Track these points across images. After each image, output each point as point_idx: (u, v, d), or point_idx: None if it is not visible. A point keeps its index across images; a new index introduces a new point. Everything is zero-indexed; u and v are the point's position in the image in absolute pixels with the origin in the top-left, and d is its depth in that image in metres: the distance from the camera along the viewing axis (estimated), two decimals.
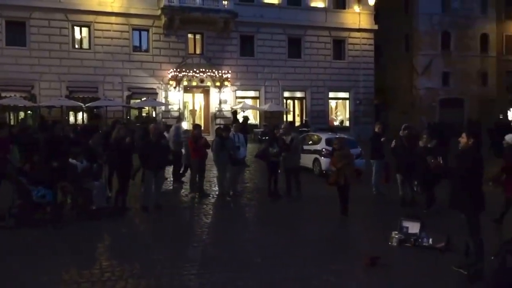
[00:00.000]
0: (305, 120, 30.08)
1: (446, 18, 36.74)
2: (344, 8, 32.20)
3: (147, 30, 27.82)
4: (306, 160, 15.24)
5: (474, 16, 37.29)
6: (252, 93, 30.64)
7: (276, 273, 6.39)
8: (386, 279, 6.27)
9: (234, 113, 27.76)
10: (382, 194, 12.03)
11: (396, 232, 7.89)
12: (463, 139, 6.46)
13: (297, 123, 30.27)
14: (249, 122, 26.12)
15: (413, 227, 7.90)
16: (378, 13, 33.43)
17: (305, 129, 26.00)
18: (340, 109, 33.72)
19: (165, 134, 12.88)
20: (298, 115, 32.25)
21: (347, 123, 32.72)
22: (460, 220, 6.33)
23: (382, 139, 12.09)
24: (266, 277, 6.26)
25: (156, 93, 27.65)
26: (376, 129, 12.60)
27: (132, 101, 27.34)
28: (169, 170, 14.10)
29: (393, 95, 37.67)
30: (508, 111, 39.88)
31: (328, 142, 14.98)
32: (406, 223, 8.00)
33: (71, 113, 26.55)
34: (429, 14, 36.52)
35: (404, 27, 37.34)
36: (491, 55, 38.14)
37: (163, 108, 27.66)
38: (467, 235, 6.28)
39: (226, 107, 29.07)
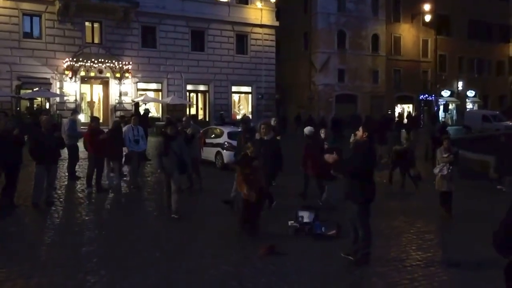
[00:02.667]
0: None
1: (341, 18, 38.77)
2: (246, 3, 32.66)
3: (40, 16, 26.05)
4: (209, 153, 15.33)
5: (366, 17, 39.75)
6: (154, 86, 30.04)
7: (174, 266, 6.39)
8: (281, 266, 6.54)
9: (136, 105, 27.04)
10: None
11: (292, 222, 8.26)
12: (359, 132, 6.80)
13: (200, 117, 30.25)
14: (150, 115, 25.57)
15: (308, 217, 8.32)
16: (279, 10, 34.38)
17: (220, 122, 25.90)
18: (243, 103, 34.23)
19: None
20: (201, 108, 32.23)
21: (250, 116, 33.30)
22: (351, 209, 6.72)
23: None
24: (163, 270, 6.24)
25: (50, 83, 26.03)
26: (272, 122, 12.98)
27: (22, 92, 25.45)
28: (64, 165, 13.46)
29: (292, 90, 39.02)
30: (396, 107, 43.10)
31: (230, 135, 15.18)
32: (301, 213, 8.40)
33: None
34: (326, 14, 38.28)
35: (303, 25, 38.78)
36: (381, 54, 40.96)
37: (57, 99, 26.11)
38: (356, 223, 6.70)
39: (127, 99, 28.20)
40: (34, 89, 25.12)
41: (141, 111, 24.64)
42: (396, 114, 41.31)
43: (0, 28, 24.87)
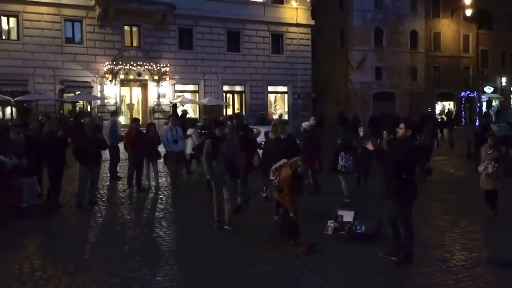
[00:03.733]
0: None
1: (378, 14, 38.13)
2: (282, 3, 32.58)
3: (81, 21, 26.77)
4: None
5: (404, 13, 38.94)
6: (191, 87, 30.37)
7: (215, 264, 6.44)
8: (321, 265, 6.48)
9: (174, 106, 27.44)
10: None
11: (332, 221, 8.18)
12: (401, 129, 6.60)
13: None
14: (188, 116, 25.89)
15: (348, 216, 8.22)
16: (314, 9, 34.12)
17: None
18: (279, 103, 34.17)
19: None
20: (237, 109, 32.33)
21: (286, 117, 33.23)
22: (391, 208, 6.56)
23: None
24: (205, 268, 6.29)
25: (91, 87, 26.71)
26: (311, 121, 12.96)
27: (65, 95, 26.26)
28: (106, 166, 13.79)
29: (328, 89, 38.66)
30: (436, 104, 42.07)
31: (267, 135, 15.17)
32: (341, 212, 8.31)
33: None
34: (363, 11, 37.73)
35: (339, 23, 38.38)
36: (420, 51, 40.03)
37: (98, 102, 26.80)
38: (398, 222, 6.55)
39: (165, 101, 28.64)
40: (76, 93, 25.88)
41: (179, 112, 25.01)
42: (437, 112, 40.35)
43: (44, 34, 25.70)
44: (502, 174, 9.75)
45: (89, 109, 26.86)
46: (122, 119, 25.57)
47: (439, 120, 30.53)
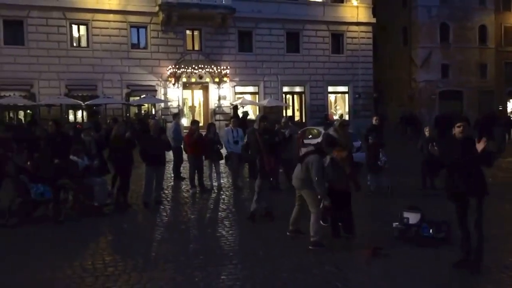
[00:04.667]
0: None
1: (444, 10, 36.70)
2: (342, 1, 32.16)
3: (145, 27, 27.78)
4: None
5: (472, 7, 37.25)
6: (251, 89, 30.64)
7: (278, 264, 6.43)
8: (388, 269, 6.30)
9: (235, 108, 27.74)
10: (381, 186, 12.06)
11: (397, 224, 7.92)
12: (459, 128, 6.19)
13: (297, 118, 30.26)
14: (248, 117, 26.09)
15: (414, 218, 7.93)
16: (375, 6, 33.39)
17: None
18: (339, 103, 33.72)
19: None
20: (297, 109, 32.25)
21: (346, 117, 32.71)
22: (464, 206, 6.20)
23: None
24: (269, 268, 6.30)
25: (155, 90, 27.64)
26: (374, 121, 12.68)
27: (131, 99, 27.35)
28: (170, 167, 14.17)
29: (391, 88, 37.67)
30: (508, 102, 39.90)
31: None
32: (407, 214, 8.02)
33: (70, 111, 26.58)
34: (427, 7, 36.49)
35: (402, 20, 37.31)
36: (490, 46, 38.12)
37: (162, 105, 27.66)
38: (472, 222, 6.15)
39: (226, 103, 29.08)
40: (142, 96, 26.86)
41: (240, 114, 25.24)
42: (509, 110, 38.27)
43: (111, 40, 26.89)
44: None
45: (153, 112, 27.79)
46: (184, 121, 26.26)
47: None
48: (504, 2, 39.05)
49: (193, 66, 27.79)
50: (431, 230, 7.62)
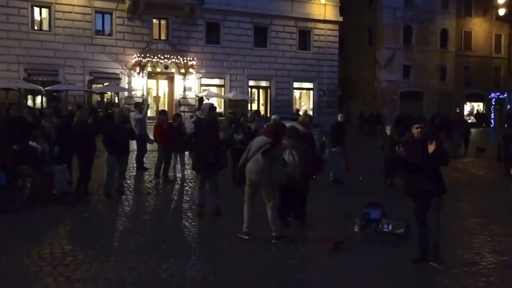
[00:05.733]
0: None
1: (408, 12, 37.57)
2: None
3: (111, 14, 27.15)
4: None
5: (435, 11, 38.28)
6: (217, 81, 30.50)
7: (242, 257, 6.46)
8: (348, 262, 6.44)
9: (200, 100, 27.61)
10: (342, 182, 12.29)
11: (358, 219, 8.10)
12: (417, 129, 6.35)
13: (262, 112, 30.31)
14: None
15: (375, 214, 8.13)
16: (343, 5, 33.82)
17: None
18: (304, 99, 34.03)
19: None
20: (262, 104, 32.35)
21: (311, 113, 33.05)
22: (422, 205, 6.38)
23: None
24: (232, 260, 6.32)
25: (119, 78, 27.10)
26: (339, 118, 12.89)
27: (93, 86, 26.71)
28: (132, 157, 13.93)
29: (355, 86, 38.31)
30: (465, 105, 41.31)
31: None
32: (368, 210, 8.21)
33: (29, 96, 25.73)
34: (393, 8, 37.25)
35: (367, 20, 37.94)
36: (450, 50, 39.32)
37: (126, 94, 27.15)
38: (431, 219, 6.34)
39: (191, 95, 28.85)
40: (105, 84, 26.27)
41: None
42: (466, 113, 39.64)
43: (75, 25, 26.15)
44: None
45: (116, 100, 27.25)
46: (149, 112, 25.84)
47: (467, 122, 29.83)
48: (465, 8, 40.33)
49: (159, 55, 27.40)
50: (390, 226, 7.83)
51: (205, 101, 28.26)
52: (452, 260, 6.60)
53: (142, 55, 27.07)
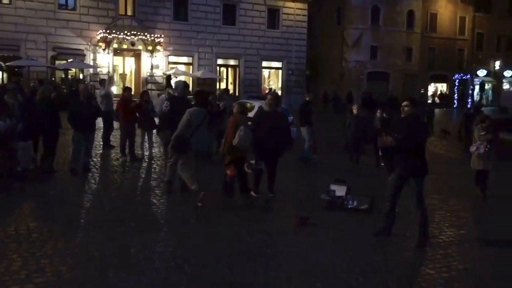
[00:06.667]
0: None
1: None
2: None
3: None
4: None
5: None
6: (185, 59, 30.15)
7: (210, 233, 6.53)
8: (314, 237, 6.61)
9: (168, 77, 27.27)
10: (311, 160, 12.50)
11: (324, 195, 8.28)
12: (407, 107, 6.49)
13: (230, 91, 30.25)
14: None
15: (340, 191, 8.33)
16: None
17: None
18: (272, 78, 34.07)
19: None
20: (231, 83, 32.23)
21: (279, 92, 33.17)
22: (397, 186, 6.54)
23: None
24: (200, 236, 6.38)
25: (84, 55, 26.43)
26: (307, 98, 13.03)
27: (57, 62, 25.96)
28: (98, 135, 13.73)
29: (323, 66, 38.56)
30: (429, 86, 42.24)
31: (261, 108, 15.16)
32: (333, 187, 8.40)
33: None
34: None
35: (336, 0, 38.03)
36: (416, 31, 39.94)
37: (91, 70, 26.52)
38: (416, 200, 6.47)
39: (158, 73, 28.45)
40: (69, 60, 25.57)
41: (173, 84, 24.83)
42: (430, 93, 40.55)
43: None
44: (494, 157, 9.86)
45: (81, 77, 26.60)
46: (114, 89, 25.36)
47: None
48: None
49: (125, 32, 26.81)
50: (355, 202, 8.06)
51: (173, 79, 28.00)
52: (413, 234, 6.85)
53: (108, 31, 26.42)
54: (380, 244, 6.50)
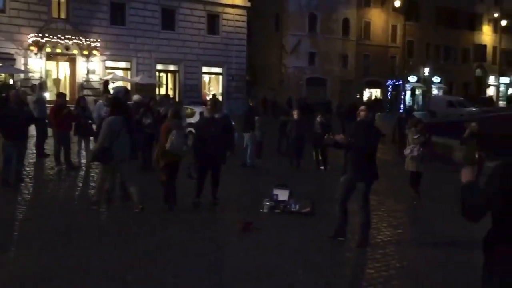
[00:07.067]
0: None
1: (313, 1, 38.75)
2: None
3: None
4: None
5: (338, 1, 39.85)
6: (123, 64, 29.44)
7: (152, 240, 6.40)
8: (258, 242, 6.65)
9: (105, 83, 26.47)
10: (255, 166, 12.59)
11: (267, 200, 8.36)
12: (363, 111, 6.63)
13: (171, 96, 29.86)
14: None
15: (283, 195, 8.45)
16: None
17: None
18: (213, 84, 34.01)
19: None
20: (171, 88, 31.84)
21: (220, 98, 33.14)
22: (347, 190, 6.69)
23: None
24: (142, 244, 6.24)
25: (14, 59, 25.12)
26: (251, 103, 13.14)
27: None
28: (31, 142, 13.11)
29: (263, 72, 38.99)
30: (364, 92, 43.77)
31: (202, 114, 15.10)
32: (276, 191, 8.51)
33: None
34: None
35: (274, 7, 38.60)
36: (351, 39, 41.28)
37: (22, 75, 25.27)
38: (360, 203, 6.64)
39: (95, 78, 27.56)
40: None
41: (111, 90, 24.19)
42: (365, 99, 41.99)
43: None
44: (427, 158, 10.35)
45: (11, 82, 25.28)
46: (48, 95, 24.31)
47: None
48: None
49: (59, 36, 25.77)
50: (297, 206, 8.20)
51: (111, 84, 27.25)
52: (353, 235, 7.06)
53: (40, 35, 25.29)
54: (323, 245, 6.64)
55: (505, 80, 55.24)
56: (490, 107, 37.47)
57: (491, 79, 54.02)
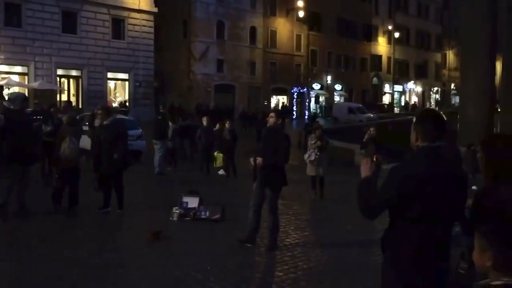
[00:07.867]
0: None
1: (220, 8, 39.16)
2: None
3: None
4: (85, 142, 14.58)
5: (245, 9, 40.65)
6: (19, 69, 27.61)
7: (53, 255, 6.06)
8: (168, 250, 6.57)
9: (0, 89, 24.62)
10: (163, 173, 12.43)
11: (177, 208, 8.29)
12: (272, 118, 6.72)
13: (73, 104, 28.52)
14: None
15: (192, 202, 8.42)
16: None
17: None
18: (119, 90, 32.99)
19: None
20: (73, 94, 30.40)
21: (127, 105, 32.27)
22: (258, 195, 6.81)
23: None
24: (44, 259, 5.89)
25: None
26: (162, 110, 12.99)
27: None
28: None
29: (171, 78, 38.57)
30: (272, 98, 44.94)
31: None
32: (186, 199, 8.46)
33: None
34: (205, 3, 38.40)
35: (182, 13, 38.42)
36: (258, 46, 42.23)
37: None
38: (270, 210, 6.77)
39: None
40: None
41: (5, 96, 22.58)
42: (272, 105, 43.09)
43: None
44: (327, 162, 10.82)
45: None
46: None
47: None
48: (271, 8, 43.68)
49: None
50: (207, 213, 8.22)
51: (6, 90, 25.41)
52: (262, 238, 7.23)
53: None
54: (233, 251, 6.71)
55: (398, 88, 59.65)
56: (386, 113, 40.29)
57: (386, 87, 58.05)
